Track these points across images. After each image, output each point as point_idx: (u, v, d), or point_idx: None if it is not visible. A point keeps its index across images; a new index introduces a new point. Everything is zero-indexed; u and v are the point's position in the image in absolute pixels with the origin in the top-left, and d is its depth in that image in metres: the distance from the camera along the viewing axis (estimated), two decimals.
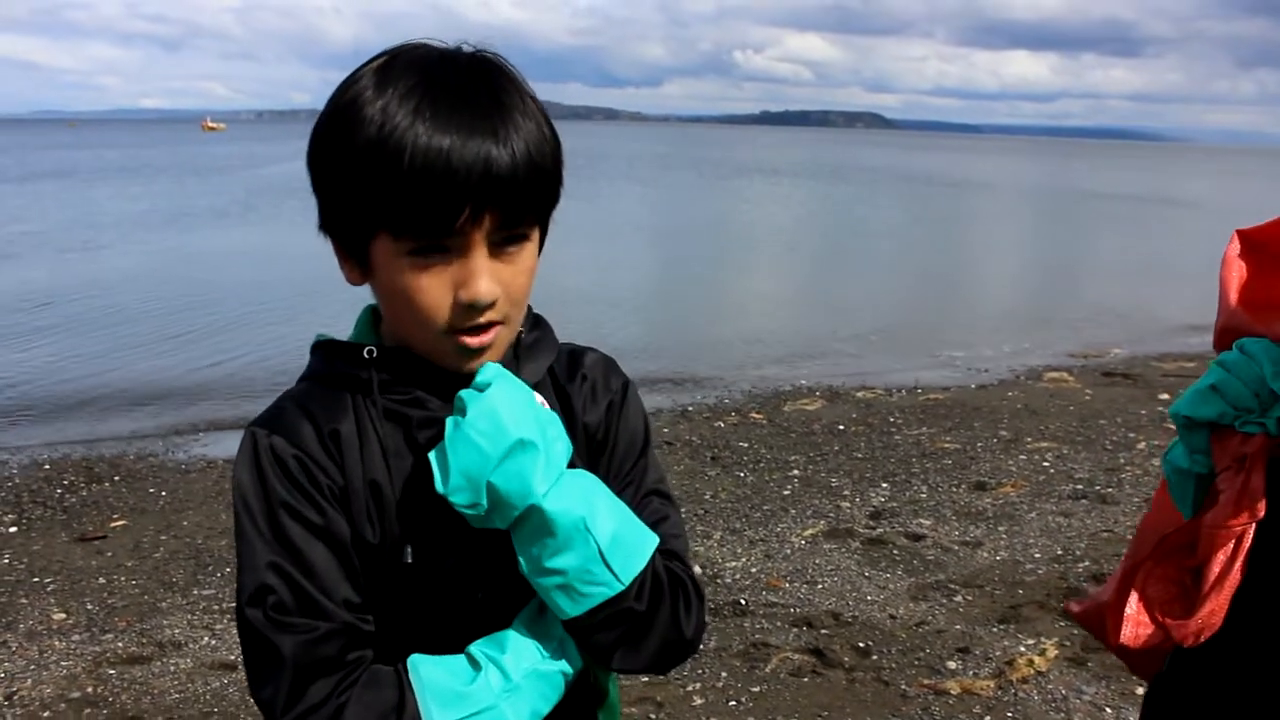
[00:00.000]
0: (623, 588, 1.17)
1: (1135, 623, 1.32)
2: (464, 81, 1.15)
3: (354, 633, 1.17)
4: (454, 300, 1.15)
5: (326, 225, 1.22)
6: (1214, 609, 1.25)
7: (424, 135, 1.10)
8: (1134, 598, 1.32)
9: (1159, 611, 1.31)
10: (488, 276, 1.14)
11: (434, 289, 1.14)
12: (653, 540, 1.23)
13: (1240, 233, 1.40)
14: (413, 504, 1.21)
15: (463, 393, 1.16)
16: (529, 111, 1.17)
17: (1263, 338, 1.28)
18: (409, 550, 1.20)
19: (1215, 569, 1.25)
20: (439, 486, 1.13)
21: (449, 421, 1.14)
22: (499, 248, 1.16)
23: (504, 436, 1.11)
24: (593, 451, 1.32)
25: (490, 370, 1.17)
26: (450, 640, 1.22)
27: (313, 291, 13.97)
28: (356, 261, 1.21)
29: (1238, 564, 1.25)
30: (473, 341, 1.17)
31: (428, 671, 1.16)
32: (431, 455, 1.15)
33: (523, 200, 1.15)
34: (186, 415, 8.65)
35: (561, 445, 1.17)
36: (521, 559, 1.17)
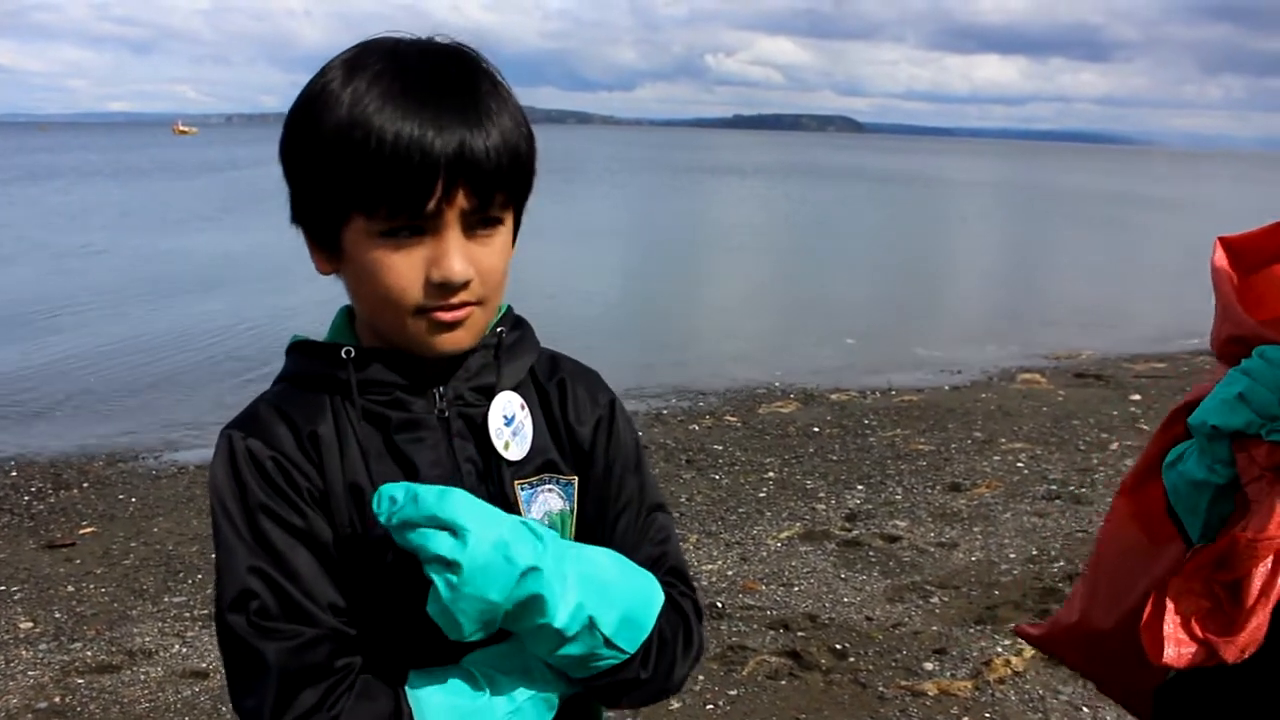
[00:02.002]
0: (627, 657, 1.17)
1: (1177, 641, 1.26)
2: (436, 66, 1.14)
3: (341, 638, 1.14)
4: (426, 280, 1.13)
5: (298, 215, 1.20)
6: (1260, 623, 1.21)
7: (396, 114, 1.08)
8: (1170, 616, 1.26)
9: (1199, 628, 1.25)
10: (461, 255, 1.12)
11: (406, 269, 1.12)
12: (657, 600, 1.21)
13: (1223, 240, 1.38)
14: None
15: (437, 546, 1.05)
16: (502, 98, 1.16)
17: None
18: (392, 551, 1.17)
19: (1258, 582, 1.21)
20: (452, 635, 1.09)
21: (439, 582, 1.05)
22: (472, 230, 1.14)
23: (509, 579, 1.07)
24: (580, 460, 1.31)
25: (456, 504, 1.07)
26: (439, 644, 1.19)
27: (289, 294, 13.87)
28: (327, 249, 1.19)
29: None
30: (445, 317, 1.15)
31: (428, 695, 1.13)
32: (434, 612, 1.08)
33: (496, 180, 1.13)
34: (156, 421, 8.54)
35: (555, 547, 1.13)
36: (526, 644, 1.16)
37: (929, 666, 4.21)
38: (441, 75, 1.13)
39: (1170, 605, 1.27)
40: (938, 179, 63.92)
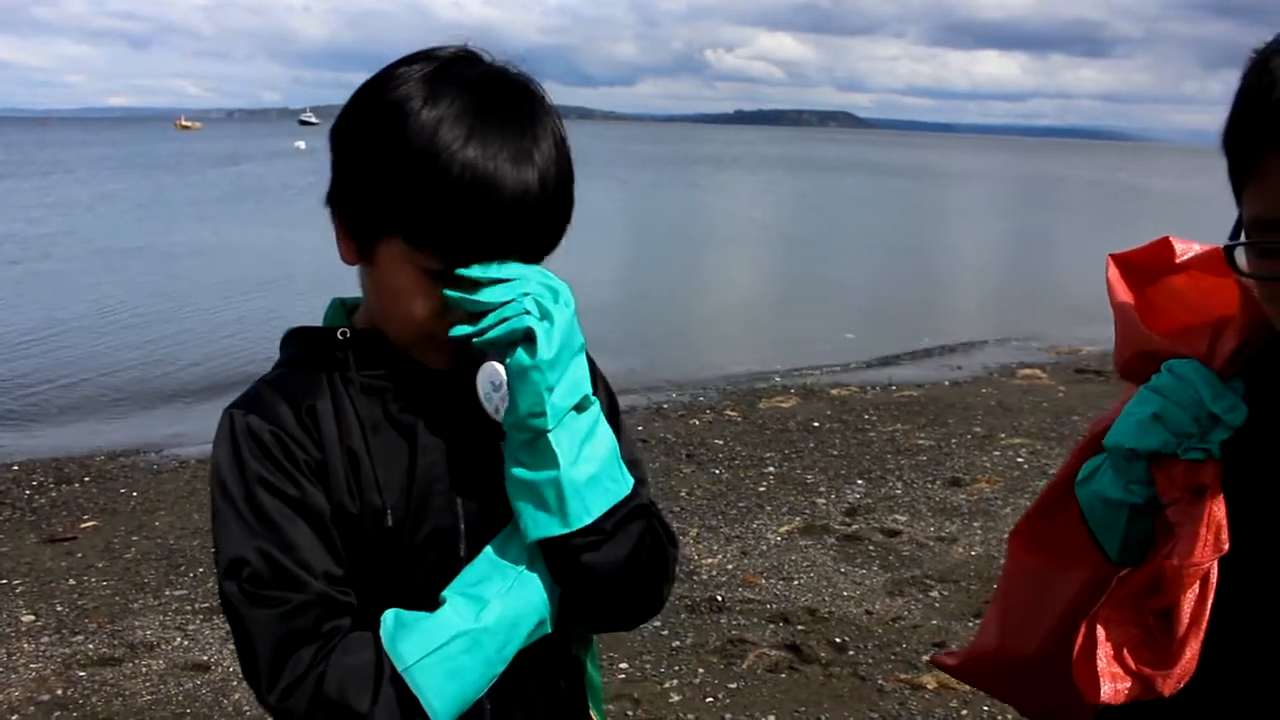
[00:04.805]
0: (628, 492, 1.22)
1: (1112, 677, 1.20)
2: (509, 110, 1.19)
3: (330, 603, 1.17)
4: (446, 324, 1.19)
5: (338, 203, 1.24)
6: (1194, 653, 1.17)
7: (471, 166, 1.13)
8: (1103, 650, 1.21)
9: (1132, 660, 1.20)
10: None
11: (428, 307, 1.19)
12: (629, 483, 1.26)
13: (1115, 257, 1.35)
14: (391, 472, 1.22)
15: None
16: (555, 143, 1.24)
17: (1189, 359, 1.22)
18: (389, 514, 1.21)
19: (1188, 609, 1.17)
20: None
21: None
22: None
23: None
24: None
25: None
26: (434, 608, 1.21)
27: (290, 291, 13.88)
28: (359, 247, 1.23)
29: (1209, 601, 1.17)
30: (451, 348, 1.20)
31: (393, 617, 1.17)
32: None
33: (546, 244, 1.24)
34: (157, 416, 8.57)
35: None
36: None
37: (928, 660, 4.22)
38: (513, 126, 1.17)
39: (1102, 637, 1.22)
40: (940, 173, 63.89)
